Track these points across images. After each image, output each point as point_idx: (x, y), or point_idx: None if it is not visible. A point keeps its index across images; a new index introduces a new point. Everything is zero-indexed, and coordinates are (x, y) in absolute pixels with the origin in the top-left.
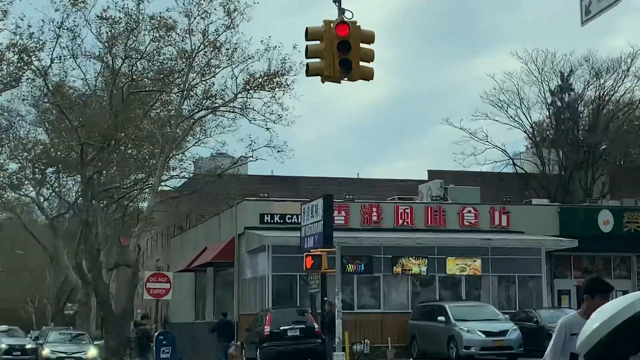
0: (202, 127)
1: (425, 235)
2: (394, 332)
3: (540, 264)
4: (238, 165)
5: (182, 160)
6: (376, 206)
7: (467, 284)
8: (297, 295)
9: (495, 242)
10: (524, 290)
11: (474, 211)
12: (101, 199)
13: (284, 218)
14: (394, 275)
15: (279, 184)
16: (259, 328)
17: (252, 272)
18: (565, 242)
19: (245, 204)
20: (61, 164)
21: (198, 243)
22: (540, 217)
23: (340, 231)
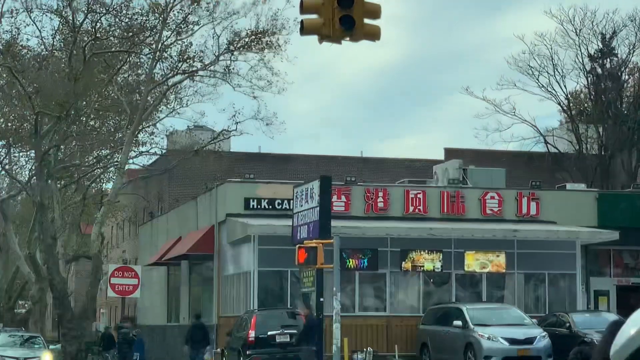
0: (177, 94)
1: (440, 226)
2: (402, 339)
3: (574, 260)
4: (219, 141)
5: (153, 133)
6: (382, 190)
7: (489, 282)
8: (288, 294)
9: (522, 233)
10: (555, 291)
11: (498, 197)
12: (58, 178)
13: (273, 203)
14: (402, 272)
15: (267, 163)
16: (242, 333)
17: (234, 267)
18: (605, 234)
19: (227, 187)
20: (12, 137)
21: (171, 232)
22: (576, 205)
23: (340, 220)
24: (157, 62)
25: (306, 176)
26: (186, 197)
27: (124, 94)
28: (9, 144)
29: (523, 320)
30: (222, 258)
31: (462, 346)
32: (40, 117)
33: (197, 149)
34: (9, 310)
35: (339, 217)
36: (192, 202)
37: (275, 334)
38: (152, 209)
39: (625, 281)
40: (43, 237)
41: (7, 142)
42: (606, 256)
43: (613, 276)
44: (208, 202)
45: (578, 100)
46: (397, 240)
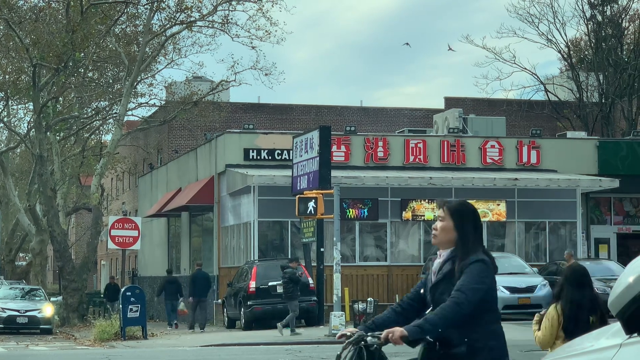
0: (176, 45)
1: (441, 175)
2: (403, 288)
3: (575, 208)
4: (218, 91)
5: (151, 85)
6: (382, 140)
7: (489, 231)
8: (288, 245)
9: (522, 182)
10: (556, 239)
11: (498, 146)
12: (57, 130)
13: (273, 154)
14: (402, 221)
15: (266, 113)
16: (242, 283)
17: (234, 217)
18: (605, 182)
19: (226, 137)
20: (10, 89)
21: (171, 183)
22: (576, 153)
23: (340, 170)
24: (155, 13)
25: (305, 126)
26: (185, 148)
27: (122, 46)
28: (7, 97)
29: (524, 269)
30: (222, 209)
31: None
32: (38, 69)
33: (196, 100)
34: (9, 262)
35: (338, 167)
36: (192, 153)
37: (276, 285)
38: (151, 160)
39: (626, 229)
40: (43, 190)
41: (5, 95)
42: (606, 204)
43: (613, 224)
44: (207, 153)
45: (578, 48)
46: (397, 190)
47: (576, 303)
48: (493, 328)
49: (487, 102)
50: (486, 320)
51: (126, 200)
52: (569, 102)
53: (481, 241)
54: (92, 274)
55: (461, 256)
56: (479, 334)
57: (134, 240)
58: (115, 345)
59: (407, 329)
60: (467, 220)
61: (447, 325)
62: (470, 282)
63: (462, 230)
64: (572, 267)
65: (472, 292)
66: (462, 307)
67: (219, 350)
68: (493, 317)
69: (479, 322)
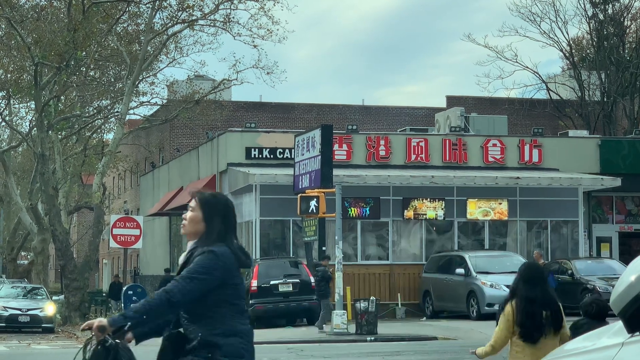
0: (177, 44)
1: (443, 173)
2: (405, 287)
3: (577, 207)
4: (220, 90)
5: (153, 83)
6: (384, 139)
7: (491, 230)
8: (290, 243)
9: (524, 180)
10: (558, 238)
11: (500, 144)
12: (59, 129)
13: (275, 152)
14: (404, 220)
15: (268, 112)
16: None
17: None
18: (607, 181)
19: (228, 136)
20: (12, 88)
21: (172, 182)
22: (578, 152)
23: (342, 168)
24: (157, 12)
25: (307, 125)
26: (187, 146)
27: (124, 44)
28: (9, 95)
29: None
30: None
31: (465, 294)
32: (40, 67)
33: (197, 98)
34: (11, 261)
35: (340, 166)
36: (194, 152)
37: (278, 283)
38: (153, 159)
39: (628, 227)
40: (44, 188)
41: (7, 93)
42: (608, 203)
43: (615, 222)
44: (209, 151)
45: (580, 47)
46: (399, 189)
47: (529, 299)
48: (233, 324)
49: (488, 100)
50: (225, 316)
51: (128, 199)
52: (570, 101)
53: (230, 235)
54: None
55: (201, 247)
56: (217, 329)
57: (135, 239)
58: None
59: (111, 318)
60: (217, 212)
61: (151, 313)
62: (188, 272)
63: (210, 222)
64: (526, 264)
65: (186, 281)
66: (171, 295)
67: None
68: (234, 313)
69: (217, 317)
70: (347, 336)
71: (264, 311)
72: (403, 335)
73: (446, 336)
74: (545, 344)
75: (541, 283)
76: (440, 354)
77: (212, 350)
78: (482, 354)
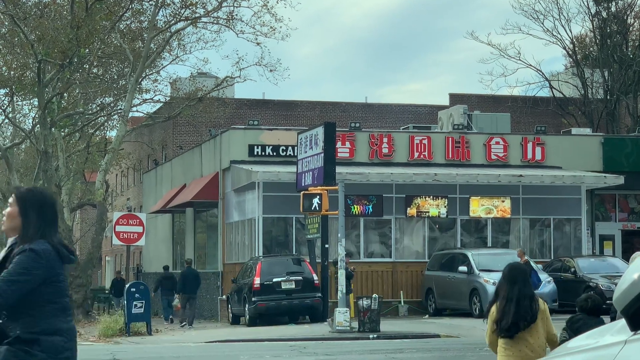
0: (180, 41)
1: (445, 171)
2: (407, 285)
3: (579, 205)
4: (223, 87)
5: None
6: (387, 136)
7: (494, 228)
8: (293, 241)
9: (527, 178)
10: (561, 235)
11: (503, 142)
12: (62, 126)
13: (277, 150)
14: (407, 218)
15: (271, 109)
16: (247, 279)
17: (239, 213)
18: (610, 179)
19: (231, 133)
20: (15, 85)
21: (175, 179)
22: (581, 150)
23: (345, 166)
24: (160, 9)
25: (310, 122)
26: (190, 144)
27: (127, 42)
28: (12, 92)
29: None
30: (226, 205)
31: (468, 292)
32: (43, 65)
33: (200, 96)
34: None
35: (343, 164)
36: (196, 149)
37: (281, 281)
38: (156, 156)
39: (631, 225)
40: (47, 185)
41: (10, 90)
42: (611, 201)
43: (618, 220)
44: (212, 149)
45: (583, 44)
46: (402, 186)
47: (509, 298)
48: (54, 322)
49: (491, 98)
50: (47, 314)
51: (131, 196)
52: (574, 99)
53: (50, 230)
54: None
55: (20, 244)
56: (37, 327)
57: (138, 236)
58: (120, 341)
59: None
60: (32, 206)
61: None
62: (9, 274)
63: (25, 217)
64: (509, 266)
65: (7, 284)
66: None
67: (224, 347)
68: (56, 311)
69: (37, 315)
70: (349, 333)
71: (267, 308)
72: (406, 332)
73: (449, 334)
74: (522, 337)
75: (522, 282)
76: (443, 351)
77: (30, 345)
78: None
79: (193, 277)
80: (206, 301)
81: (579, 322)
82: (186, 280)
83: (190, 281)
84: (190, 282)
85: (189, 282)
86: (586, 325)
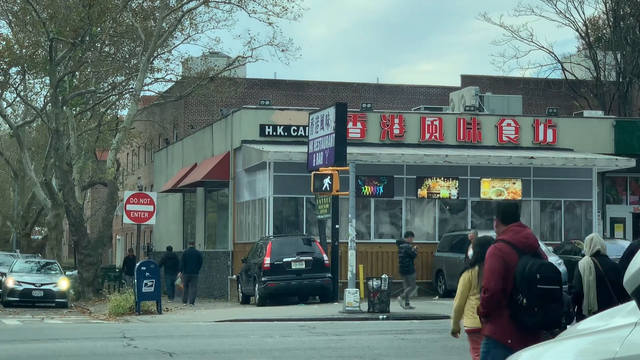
0: (192, 21)
1: (457, 153)
2: (417, 266)
3: (590, 187)
4: (235, 67)
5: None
6: (398, 117)
7: None
8: (303, 221)
9: (538, 160)
10: (571, 218)
11: (515, 124)
12: (74, 105)
13: (289, 130)
14: (418, 199)
15: (283, 89)
16: (257, 259)
17: (250, 193)
18: (621, 162)
19: (242, 113)
20: (27, 63)
21: (186, 159)
22: (593, 132)
23: (356, 146)
24: None
25: (321, 103)
26: (201, 123)
27: (139, 21)
28: (24, 71)
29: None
30: (237, 185)
31: None
32: (55, 43)
33: (212, 75)
34: (25, 236)
35: (354, 144)
36: (208, 129)
37: (291, 261)
38: (167, 135)
39: None
40: (59, 164)
41: (21, 69)
42: (622, 183)
43: (629, 203)
44: (223, 128)
45: (596, 27)
46: (413, 167)
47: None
48: None
49: (503, 80)
50: None
51: (142, 175)
52: (586, 81)
53: None
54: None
55: None
56: None
57: (149, 215)
58: (130, 319)
59: None
60: None
61: None
62: None
63: None
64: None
65: None
66: None
67: (233, 326)
68: None
69: None
70: (359, 314)
71: (276, 288)
72: (415, 314)
73: None
74: None
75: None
76: None
77: None
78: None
79: (195, 257)
80: (216, 280)
81: None
82: (188, 260)
83: (191, 261)
84: (191, 262)
85: (190, 261)
86: None
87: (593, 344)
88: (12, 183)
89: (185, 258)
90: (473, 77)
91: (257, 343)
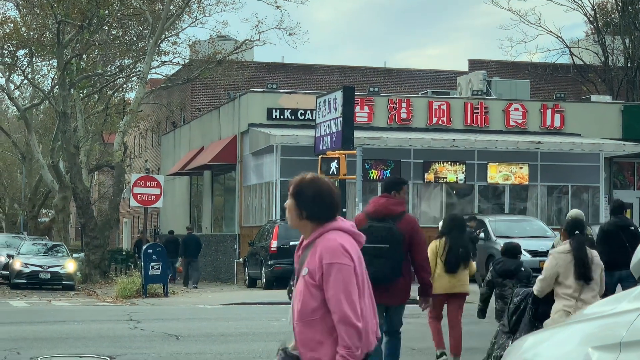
0: (200, 3)
1: (464, 137)
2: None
3: (598, 172)
4: (242, 50)
5: (175, 43)
6: (406, 101)
7: (512, 194)
8: None
9: (546, 145)
10: (579, 203)
11: (522, 109)
12: (81, 87)
13: (296, 114)
14: (425, 183)
15: (290, 73)
16: (264, 243)
17: (257, 177)
18: (629, 147)
19: (250, 97)
20: (34, 46)
21: (194, 142)
22: (600, 117)
23: (363, 130)
24: None
25: (329, 86)
26: (209, 106)
27: (147, 3)
28: (32, 53)
29: (545, 233)
30: (244, 168)
31: (484, 258)
32: (63, 26)
33: (219, 58)
34: (32, 218)
35: (361, 128)
36: (215, 112)
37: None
38: (174, 118)
39: None
40: (66, 146)
41: (29, 51)
42: (630, 168)
43: (637, 189)
44: (231, 112)
45: (605, 11)
46: (420, 152)
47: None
48: None
49: (511, 64)
50: None
51: (149, 158)
52: (594, 66)
53: None
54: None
55: None
56: None
57: (156, 198)
58: (137, 302)
59: None
60: None
61: None
62: None
63: None
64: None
65: None
66: None
67: (240, 309)
68: None
69: None
70: None
71: (283, 272)
72: None
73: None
74: (459, 273)
75: (461, 230)
76: None
77: None
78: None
79: (194, 242)
80: (223, 264)
81: (500, 263)
82: (187, 245)
83: (191, 246)
84: (191, 247)
85: (189, 247)
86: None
87: (599, 329)
88: (19, 165)
89: (185, 244)
90: (481, 61)
91: (263, 326)
